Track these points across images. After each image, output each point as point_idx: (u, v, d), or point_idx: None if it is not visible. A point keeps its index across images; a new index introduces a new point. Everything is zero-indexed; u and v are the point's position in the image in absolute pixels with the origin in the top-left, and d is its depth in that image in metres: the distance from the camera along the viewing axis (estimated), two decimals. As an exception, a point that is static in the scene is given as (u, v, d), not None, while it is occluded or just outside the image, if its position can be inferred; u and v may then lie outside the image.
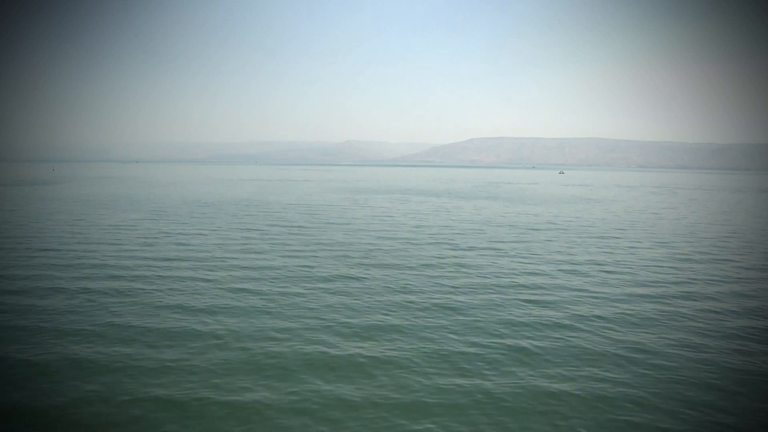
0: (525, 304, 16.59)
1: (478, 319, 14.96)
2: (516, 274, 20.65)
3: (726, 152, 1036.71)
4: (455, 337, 13.50)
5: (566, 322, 14.85)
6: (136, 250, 24.56)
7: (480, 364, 11.83)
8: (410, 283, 19.04)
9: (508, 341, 13.24)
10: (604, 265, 22.88)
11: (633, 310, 16.15)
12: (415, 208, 48.02)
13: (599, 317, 15.33)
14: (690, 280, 20.31)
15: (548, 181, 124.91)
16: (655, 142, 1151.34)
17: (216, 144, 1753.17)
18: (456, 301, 16.74)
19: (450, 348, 12.70)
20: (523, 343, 13.14)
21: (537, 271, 21.27)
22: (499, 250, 26.21)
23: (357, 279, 19.48)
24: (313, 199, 58.09)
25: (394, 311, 15.59)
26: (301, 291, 17.66)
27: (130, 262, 21.99)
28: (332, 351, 12.45)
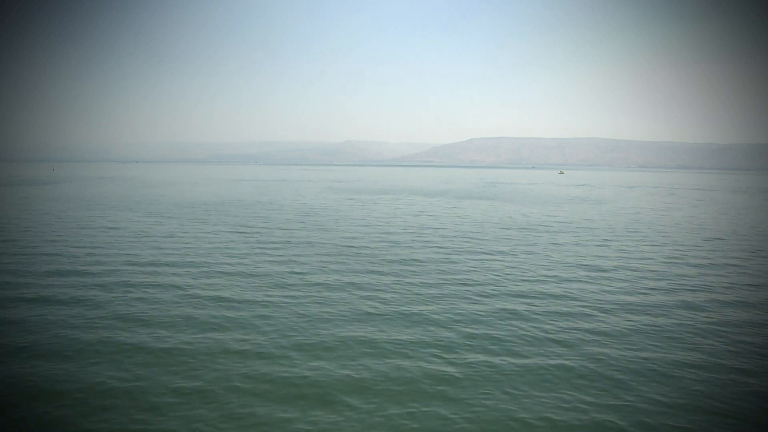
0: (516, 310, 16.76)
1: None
2: (505, 277, 20.83)
3: (726, 152, 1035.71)
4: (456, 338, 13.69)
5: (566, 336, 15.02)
6: (131, 253, 24.75)
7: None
8: (403, 287, 19.20)
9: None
10: (599, 265, 23.06)
11: (631, 316, 16.32)
12: (409, 209, 48.16)
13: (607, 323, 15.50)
14: (690, 282, 20.48)
15: (547, 182, 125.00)
16: (655, 142, 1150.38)
17: (216, 144, 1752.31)
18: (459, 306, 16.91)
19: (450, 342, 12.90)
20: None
21: (530, 276, 21.43)
22: (490, 253, 26.38)
23: (352, 282, 19.66)
24: (310, 200, 58.27)
25: (372, 317, 15.76)
26: (292, 293, 17.84)
27: (119, 265, 22.16)
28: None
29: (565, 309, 16.23)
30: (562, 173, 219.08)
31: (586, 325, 14.73)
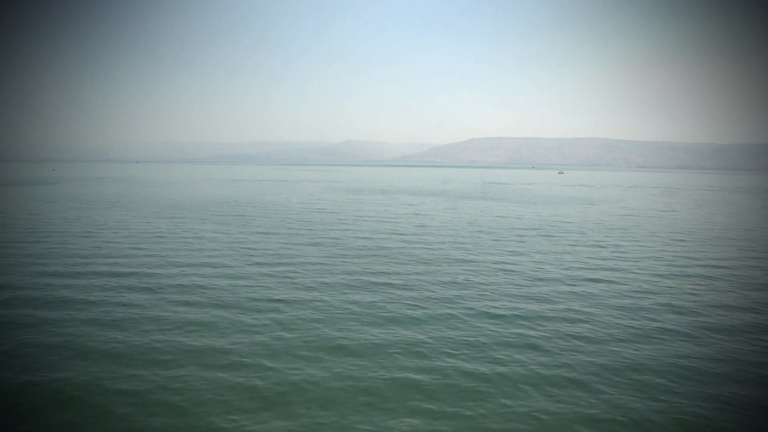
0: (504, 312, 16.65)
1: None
2: (501, 282, 20.73)
3: (726, 152, 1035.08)
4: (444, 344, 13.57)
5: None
6: (126, 255, 24.64)
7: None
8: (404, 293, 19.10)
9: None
10: (599, 271, 22.95)
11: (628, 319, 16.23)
12: (406, 210, 48.06)
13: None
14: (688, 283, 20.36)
15: (547, 182, 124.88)
16: (655, 142, 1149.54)
17: (216, 144, 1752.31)
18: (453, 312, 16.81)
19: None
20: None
21: (524, 283, 21.33)
22: (484, 257, 26.27)
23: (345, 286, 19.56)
24: (306, 200, 58.18)
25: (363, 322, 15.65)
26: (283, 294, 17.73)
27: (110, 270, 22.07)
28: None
29: (567, 327, 16.12)
30: (562, 173, 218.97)
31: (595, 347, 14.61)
